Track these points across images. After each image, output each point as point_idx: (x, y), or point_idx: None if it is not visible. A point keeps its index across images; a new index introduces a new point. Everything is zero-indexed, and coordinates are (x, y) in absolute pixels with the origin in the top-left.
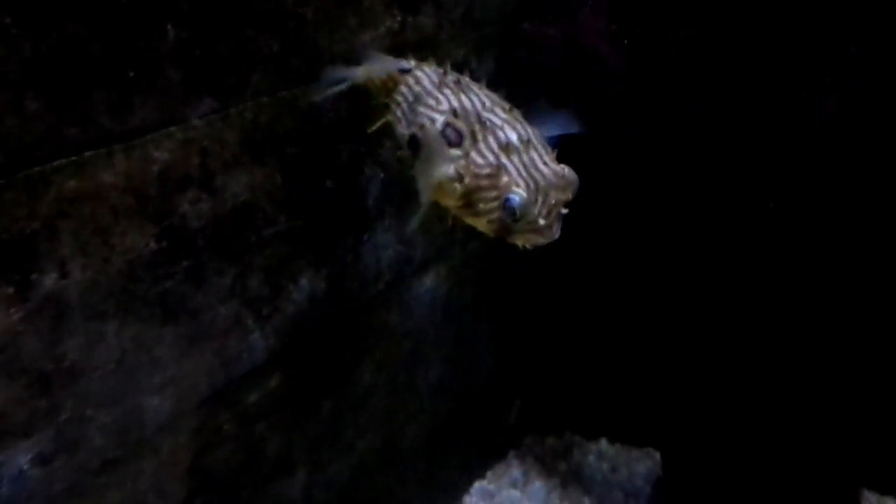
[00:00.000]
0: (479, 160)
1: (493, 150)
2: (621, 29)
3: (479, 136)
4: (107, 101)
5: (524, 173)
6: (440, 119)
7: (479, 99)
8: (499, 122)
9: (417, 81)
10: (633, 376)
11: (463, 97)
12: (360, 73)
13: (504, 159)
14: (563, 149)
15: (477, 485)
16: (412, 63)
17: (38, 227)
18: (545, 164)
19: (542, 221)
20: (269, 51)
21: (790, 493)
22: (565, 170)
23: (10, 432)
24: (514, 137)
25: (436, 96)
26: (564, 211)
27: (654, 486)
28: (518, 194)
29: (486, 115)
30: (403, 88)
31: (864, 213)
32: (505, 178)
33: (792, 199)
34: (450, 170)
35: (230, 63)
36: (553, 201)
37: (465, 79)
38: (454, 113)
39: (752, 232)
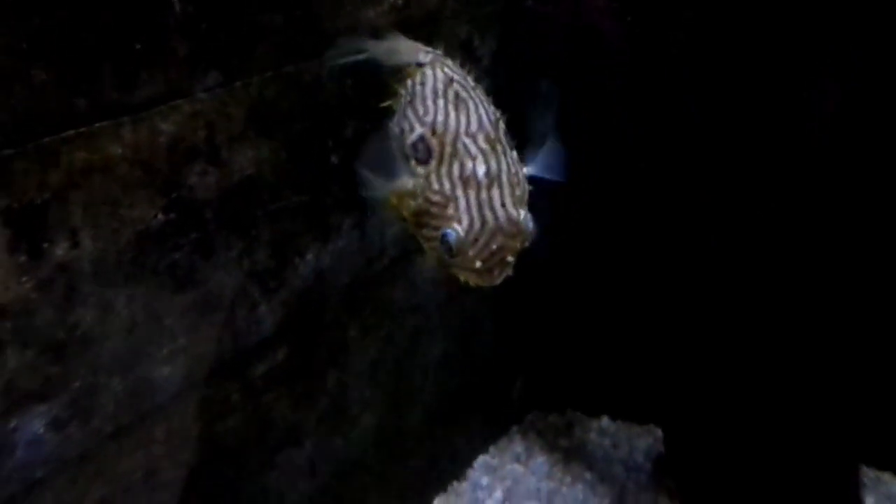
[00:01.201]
0: (435, 185)
1: (453, 179)
2: (624, 8)
3: (446, 161)
4: (114, 74)
5: (474, 211)
6: (418, 131)
7: (469, 119)
8: (473, 152)
9: (423, 81)
10: (634, 354)
11: (452, 114)
12: (379, 51)
13: (458, 191)
14: (565, 129)
15: (480, 459)
16: (429, 58)
17: (49, 198)
18: (503, 205)
19: (478, 264)
20: (274, 25)
21: (789, 469)
22: (522, 216)
23: (25, 397)
24: (480, 171)
25: (427, 105)
26: (511, 259)
27: (654, 462)
28: (455, 231)
29: (465, 139)
30: (409, 82)
31: (864, 205)
32: (451, 211)
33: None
34: (409, 184)
35: (235, 37)
36: (496, 246)
37: (474, 92)
38: (433, 129)
39: (754, 213)
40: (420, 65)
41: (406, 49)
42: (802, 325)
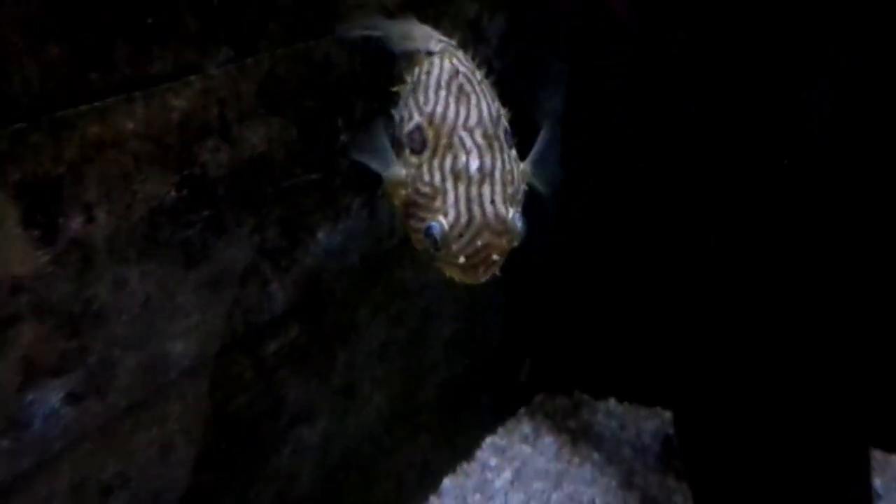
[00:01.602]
0: (426, 176)
1: (444, 171)
2: None
3: (440, 153)
4: (126, 48)
5: (461, 205)
6: (415, 120)
7: (468, 113)
8: (468, 146)
9: (429, 70)
10: (641, 337)
11: (452, 106)
12: (393, 34)
13: (448, 184)
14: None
15: (489, 440)
16: (439, 47)
17: (63, 172)
18: (493, 202)
19: (462, 259)
20: (285, 2)
21: (799, 451)
22: (511, 215)
23: (42, 371)
24: (473, 166)
25: (429, 94)
26: (496, 257)
27: (662, 443)
28: (440, 224)
29: (461, 133)
30: (416, 70)
31: (872, 186)
32: (438, 203)
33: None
34: (401, 172)
35: (246, 13)
36: (481, 243)
37: (479, 86)
38: (430, 119)
39: (766, 191)
40: (430, 53)
41: (419, 36)
42: (812, 308)
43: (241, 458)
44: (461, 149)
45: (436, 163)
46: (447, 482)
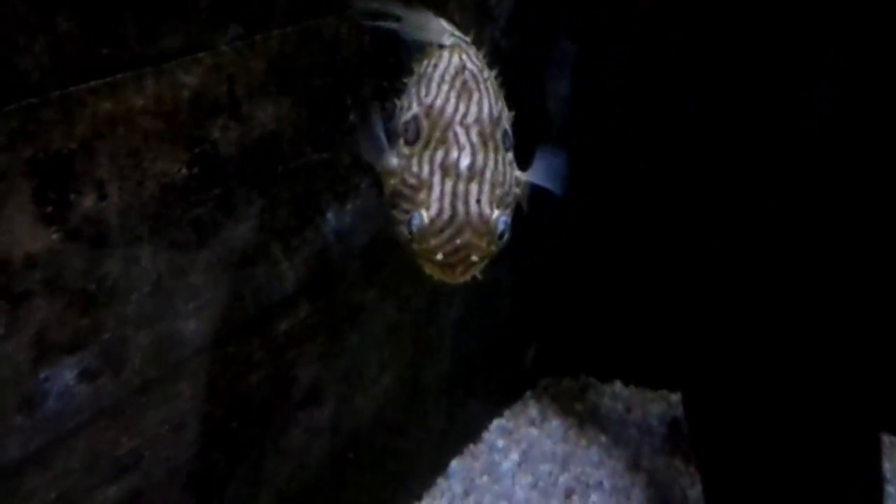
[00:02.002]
0: (414, 168)
1: (433, 164)
2: None
3: (432, 146)
4: (136, 24)
5: (446, 201)
6: (413, 110)
7: (468, 110)
8: (461, 142)
9: (436, 63)
10: (647, 321)
11: (451, 101)
12: (409, 21)
13: (435, 178)
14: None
15: (495, 422)
16: (451, 41)
17: (75, 148)
18: (478, 202)
19: (440, 256)
20: None
21: (809, 435)
22: (495, 217)
23: (56, 348)
24: (464, 163)
25: (431, 87)
26: (475, 258)
27: (669, 426)
28: (420, 216)
29: (457, 128)
30: (425, 62)
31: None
32: (422, 196)
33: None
34: (392, 161)
35: None
36: (461, 242)
37: (484, 84)
38: (428, 111)
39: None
40: (441, 47)
41: (433, 28)
42: (822, 292)
43: (253, 437)
44: (454, 144)
45: (426, 155)
46: (455, 464)
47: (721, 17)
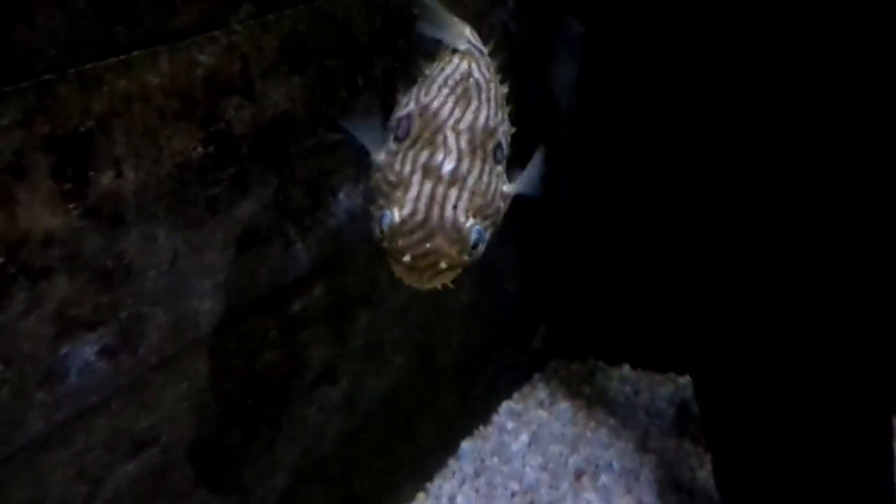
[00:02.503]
0: (397, 166)
1: (416, 164)
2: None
3: (419, 146)
4: (151, 1)
5: (421, 203)
6: (409, 108)
7: (462, 117)
8: (450, 145)
9: (444, 67)
10: (656, 305)
11: (448, 105)
12: (432, 19)
13: (415, 178)
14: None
15: (505, 404)
16: (464, 47)
17: (92, 125)
18: (455, 208)
19: (407, 258)
20: None
21: (819, 419)
22: (468, 226)
23: (76, 324)
24: (447, 167)
25: (432, 88)
26: (444, 265)
27: (678, 409)
28: (391, 214)
29: (447, 132)
30: (435, 63)
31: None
32: (398, 194)
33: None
34: (379, 156)
35: None
36: (432, 246)
37: (486, 96)
38: (422, 111)
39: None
40: (455, 51)
41: (453, 31)
42: (835, 274)
43: (268, 415)
44: (441, 146)
45: (411, 154)
46: (465, 445)
47: (721, 16)
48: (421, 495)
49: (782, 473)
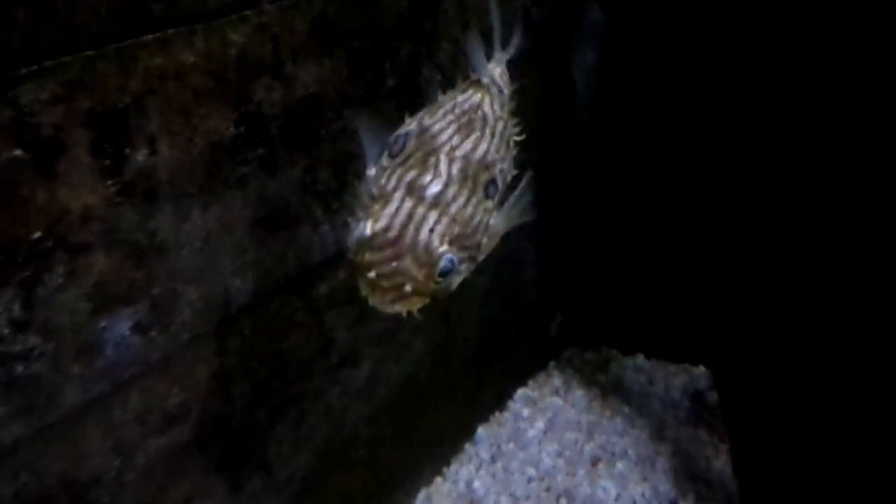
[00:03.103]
0: (382, 181)
1: (401, 182)
2: None
3: (409, 164)
4: None
5: (397, 220)
6: (410, 127)
7: (461, 146)
8: (440, 170)
9: (458, 95)
10: (673, 295)
11: (448, 131)
12: (473, 44)
13: (397, 195)
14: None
15: (520, 392)
16: (484, 81)
17: (129, 102)
18: (431, 232)
19: (372, 273)
20: None
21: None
22: (440, 252)
23: (113, 299)
24: (433, 189)
25: (438, 113)
26: (409, 289)
27: (693, 398)
28: (364, 227)
29: (441, 156)
30: (455, 90)
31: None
32: (376, 208)
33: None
34: (372, 170)
35: None
36: (399, 266)
37: (491, 131)
38: (422, 131)
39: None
40: (475, 83)
41: (478, 61)
42: (857, 263)
43: (294, 395)
44: (431, 168)
45: (399, 171)
46: (481, 431)
47: (723, 16)
48: (438, 479)
49: (801, 463)
